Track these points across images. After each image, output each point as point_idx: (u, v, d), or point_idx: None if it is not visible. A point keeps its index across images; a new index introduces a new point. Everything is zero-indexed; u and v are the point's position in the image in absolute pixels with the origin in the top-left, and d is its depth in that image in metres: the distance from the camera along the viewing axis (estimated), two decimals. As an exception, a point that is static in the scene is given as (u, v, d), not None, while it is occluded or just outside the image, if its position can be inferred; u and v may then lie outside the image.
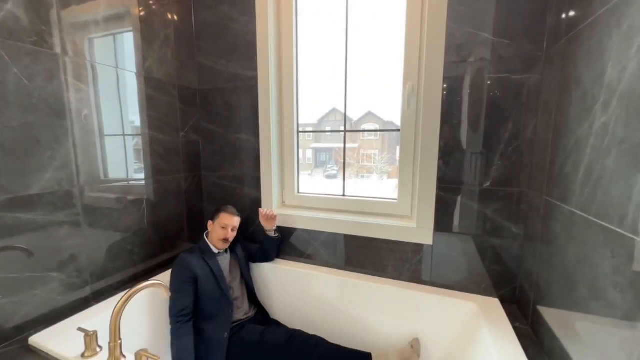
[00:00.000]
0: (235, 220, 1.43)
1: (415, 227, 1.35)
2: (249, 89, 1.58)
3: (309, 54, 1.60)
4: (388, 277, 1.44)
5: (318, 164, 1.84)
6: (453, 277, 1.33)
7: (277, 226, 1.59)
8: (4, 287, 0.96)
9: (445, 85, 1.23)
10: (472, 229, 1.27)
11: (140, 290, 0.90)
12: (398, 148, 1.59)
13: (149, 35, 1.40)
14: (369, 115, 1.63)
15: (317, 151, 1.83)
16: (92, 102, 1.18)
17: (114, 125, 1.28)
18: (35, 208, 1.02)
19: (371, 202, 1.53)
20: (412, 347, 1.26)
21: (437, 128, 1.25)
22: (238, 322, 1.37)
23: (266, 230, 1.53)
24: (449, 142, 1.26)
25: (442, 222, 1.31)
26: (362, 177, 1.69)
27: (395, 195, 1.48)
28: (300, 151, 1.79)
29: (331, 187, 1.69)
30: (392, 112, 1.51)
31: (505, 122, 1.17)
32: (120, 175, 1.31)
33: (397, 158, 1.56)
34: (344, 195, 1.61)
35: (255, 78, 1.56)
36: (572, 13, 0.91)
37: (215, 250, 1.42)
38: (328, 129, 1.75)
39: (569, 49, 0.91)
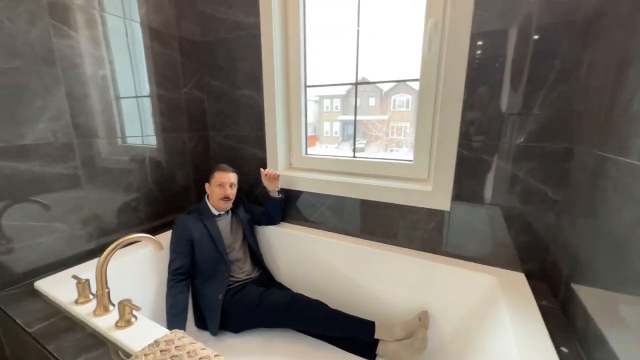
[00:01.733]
0: (231, 177, 1.38)
1: (431, 190, 1.19)
2: (252, 38, 1.44)
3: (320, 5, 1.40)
4: (398, 244, 1.32)
5: (345, 137, 1.71)
6: (471, 248, 1.18)
7: (284, 189, 1.51)
8: (10, 234, 0.99)
9: (475, 19, 1.00)
10: (498, 193, 1.09)
11: (127, 242, 0.88)
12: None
13: (141, -23, 1.29)
14: (401, 86, 1.44)
15: (344, 124, 1.68)
16: (81, 48, 1.11)
17: (119, 81, 1.22)
18: (31, 158, 1.02)
19: (383, 163, 1.38)
20: (419, 319, 1.17)
21: (462, 73, 1.05)
22: (239, 283, 1.35)
23: (269, 191, 1.46)
24: (476, 91, 1.05)
25: (463, 185, 1.14)
26: (391, 150, 1.54)
27: (406, 156, 1.32)
28: (327, 124, 1.66)
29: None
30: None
31: (551, 59, 0.94)
32: (121, 130, 1.28)
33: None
34: (354, 156, 1.47)
35: (258, 25, 1.41)
36: None
37: (215, 212, 1.39)
38: (358, 99, 1.57)
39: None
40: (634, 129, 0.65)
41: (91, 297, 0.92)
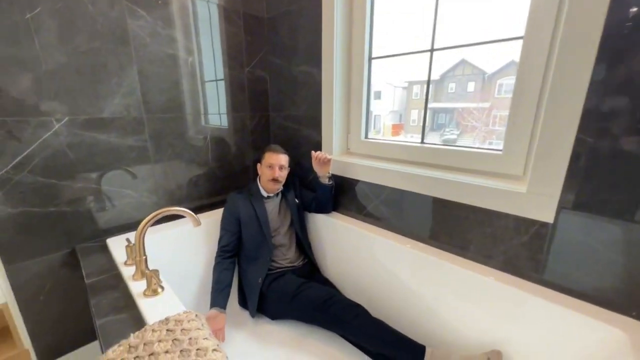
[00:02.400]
0: (281, 158, 1.31)
1: (526, 192, 0.86)
2: (315, 7, 1.31)
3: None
4: (469, 258, 1.03)
5: (435, 126, 1.47)
6: (586, 281, 0.81)
7: (338, 176, 1.37)
8: (91, 195, 1.14)
9: None
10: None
11: (167, 214, 0.89)
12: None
13: (209, -46, 1.29)
14: (510, 68, 1.10)
15: (435, 112, 1.43)
16: (150, 28, 1.18)
17: (180, 57, 1.28)
18: (108, 130, 1.14)
19: (460, 152, 1.08)
20: (488, 359, 0.88)
21: (599, 23, 0.68)
22: (280, 269, 1.29)
23: (319, 177, 1.34)
24: (614, 49, 0.67)
25: (579, 187, 0.77)
26: (490, 143, 1.23)
27: (494, 145, 0.99)
28: (415, 112, 1.43)
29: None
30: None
31: None
32: (181, 108, 1.34)
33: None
34: (422, 142, 1.21)
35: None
36: None
37: (265, 194, 1.35)
38: (452, 85, 1.30)
39: None
40: None
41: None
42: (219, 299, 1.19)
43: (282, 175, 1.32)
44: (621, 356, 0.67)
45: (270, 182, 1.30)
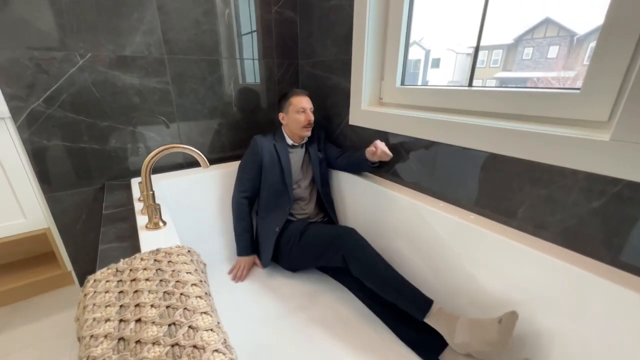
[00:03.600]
0: (309, 101, 1.23)
1: (609, 140, 0.62)
2: None
3: None
4: (513, 226, 0.83)
5: None
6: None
7: (367, 129, 1.22)
8: (117, 135, 1.18)
9: None
10: None
11: (173, 150, 0.86)
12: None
13: None
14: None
15: (502, 82, 1.16)
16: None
17: None
18: (130, 70, 1.14)
19: (518, 94, 0.84)
20: (500, 322, 0.72)
21: None
22: (296, 221, 1.22)
23: (366, 157, 1.15)
24: None
25: None
26: None
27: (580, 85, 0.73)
28: (478, 82, 1.18)
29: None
30: None
31: None
32: (204, 50, 1.28)
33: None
34: (470, 85, 0.98)
35: None
36: None
37: (290, 142, 1.27)
38: (529, 50, 1.01)
39: None
40: None
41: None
42: (246, 247, 1.22)
43: (312, 118, 1.22)
44: None
45: (304, 128, 1.21)
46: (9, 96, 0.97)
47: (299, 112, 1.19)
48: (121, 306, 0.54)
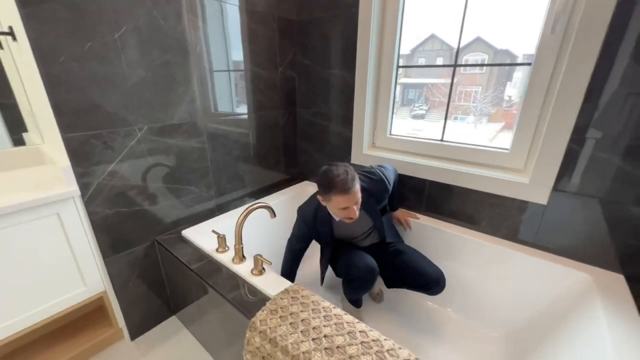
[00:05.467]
0: (355, 196, 1.07)
1: (528, 182, 1.17)
2: (349, 17, 1.46)
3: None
4: (481, 231, 1.36)
5: (405, 101, 1.69)
6: (564, 243, 1.17)
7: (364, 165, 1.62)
8: (163, 193, 1.28)
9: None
10: (607, 192, 1.04)
11: (256, 208, 1.09)
12: (509, 85, 1.32)
13: (252, -38, 1.37)
14: (477, 43, 1.33)
15: (405, 87, 1.66)
16: (202, 38, 1.28)
17: (221, 61, 1.38)
18: (177, 135, 1.27)
19: (474, 150, 1.37)
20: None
21: (592, 60, 0.96)
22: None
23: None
24: (602, 80, 0.96)
25: (566, 179, 1.10)
26: (455, 118, 1.48)
27: (502, 144, 1.29)
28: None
29: (417, 128, 1.60)
30: (510, 37, 1.22)
31: None
32: (228, 109, 1.47)
33: (506, 97, 1.32)
34: (442, 140, 1.48)
35: (356, 4, 1.41)
36: None
37: (337, 218, 1.20)
38: (422, 60, 1.53)
39: None
40: None
41: (227, 247, 1.18)
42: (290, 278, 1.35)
43: (357, 211, 1.11)
44: (587, 289, 1.03)
45: (346, 218, 1.14)
46: (79, 174, 1.02)
47: (340, 210, 1.10)
48: (301, 331, 0.81)
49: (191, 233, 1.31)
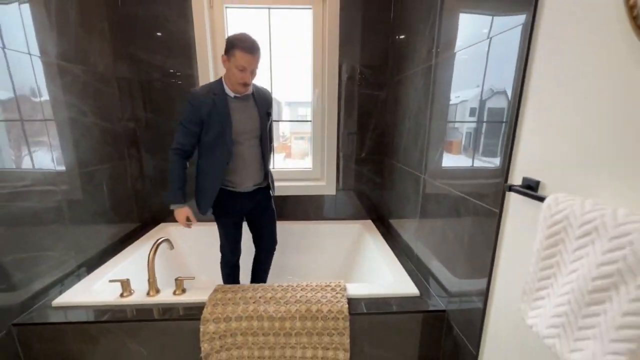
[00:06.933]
0: (255, 60, 1.15)
1: (325, 184, 2.11)
2: (186, 85, 1.86)
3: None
4: (311, 219, 2.17)
5: None
6: (347, 212, 2.20)
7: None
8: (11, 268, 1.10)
9: (340, 93, 1.97)
10: (356, 181, 2.14)
11: (160, 243, 1.26)
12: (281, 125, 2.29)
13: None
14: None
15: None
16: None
17: None
18: (29, 197, 1.15)
19: (292, 171, 2.18)
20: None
21: (335, 120, 2.00)
22: (233, 190, 1.40)
23: None
24: (345, 128, 2.04)
25: (342, 180, 2.12)
26: None
27: (307, 165, 2.20)
28: None
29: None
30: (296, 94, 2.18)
31: (370, 118, 2.04)
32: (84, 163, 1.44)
33: (281, 134, 2.26)
34: (272, 167, 2.19)
35: (194, 76, 1.86)
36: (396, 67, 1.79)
37: (232, 94, 1.23)
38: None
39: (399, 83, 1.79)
40: (398, 151, 1.77)
41: (132, 291, 1.23)
42: (179, 196, 1.31)
43: (252, 78, 1.20)
44: (361, 231, 2.06)
45: (240, 85, 1.19)
46: None
47: (238, 69, 1.14)
48: (246, 301, 1.17)
49: (68, 297, 1.19)
